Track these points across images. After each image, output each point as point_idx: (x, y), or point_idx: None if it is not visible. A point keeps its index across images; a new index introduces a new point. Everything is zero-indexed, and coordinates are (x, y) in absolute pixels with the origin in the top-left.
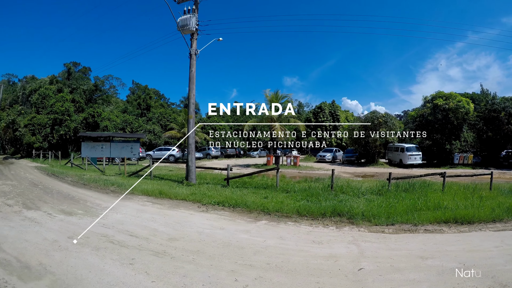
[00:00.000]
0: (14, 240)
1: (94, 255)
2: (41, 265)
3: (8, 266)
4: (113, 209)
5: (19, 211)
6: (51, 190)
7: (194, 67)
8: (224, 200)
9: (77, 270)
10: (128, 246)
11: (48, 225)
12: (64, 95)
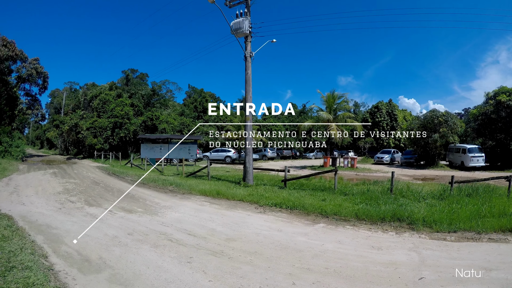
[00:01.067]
0: (76, 235)
1: (153, 252)
2: (101, 259)
3: (69, 259)
4: (171, 208)
5: (81, 207)
6: (112, 189)
7: (250, 69)
8: (282, 202)
9: (136, 265)
10: (186, 245)
11: (109, 222)
12: (124, 100)
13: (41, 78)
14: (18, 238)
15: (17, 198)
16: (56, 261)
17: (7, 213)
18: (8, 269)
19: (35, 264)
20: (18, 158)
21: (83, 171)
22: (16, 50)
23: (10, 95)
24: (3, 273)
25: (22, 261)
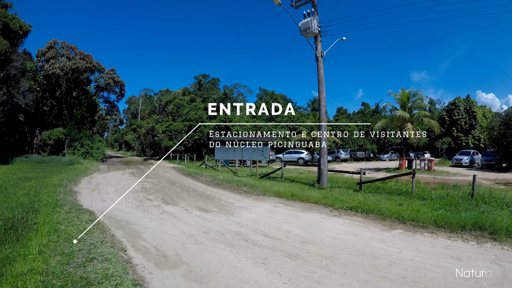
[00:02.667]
0: (154, 231)
1: (228, 251)
2: (177, 255)
3: (147, 253)
4: (246, 209)
5: (158, 205)
6: (188, 188)
7: (322, 69)
8: (357, 205)
9: (211, 263)
10: (262, 246)
11: (185, 220)
12: (197, 104)
13: (118, 86)
14: (99, 232)
15: (98, 195)
16: (134, 255)
17: (88, 209)
18: (88, 260)
19: (114, 257)
20: (98, 159)
21: (159, 171)
22: (93, 62)
23: (90, 102)
24: (83, 263)
25: (102, 253)
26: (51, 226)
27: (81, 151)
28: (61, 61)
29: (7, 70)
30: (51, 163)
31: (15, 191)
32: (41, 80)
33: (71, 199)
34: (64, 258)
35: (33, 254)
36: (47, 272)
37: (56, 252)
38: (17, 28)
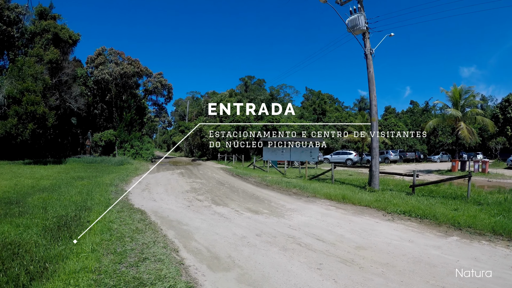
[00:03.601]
0: (205, 232)
1: (282, 255)
2: (229, 257)
3: (199, 255)
4: (297, 211)
5: (208, 206)
6: (237, 189)
7: (372, 67)
8: (411, 210)
9: (264, 267)
10: (316, 250)
11: (236, 221)
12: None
13: (166, 89)
14: (151, 232)
15: (148, 195)
16: (186, 256)
17: (140, 208)
18: (141, 260)
19: (167, 258)
20: (148, 160)
21: (208, 172)
22: (140, 67)
23: (139, 105)
24: (136, 263)
25: (154, 254)
26: (104, 225)
27: (131, 152)
28: (110, 67)
29: (59, 77)
30: (103, 163)
31: (68, 189)
32: (92, 85)
33: (123, 198)
34: (117, 257)
35: (86, 252)
36: (99, 270)
37: (109, 251)
38: (67, 37)
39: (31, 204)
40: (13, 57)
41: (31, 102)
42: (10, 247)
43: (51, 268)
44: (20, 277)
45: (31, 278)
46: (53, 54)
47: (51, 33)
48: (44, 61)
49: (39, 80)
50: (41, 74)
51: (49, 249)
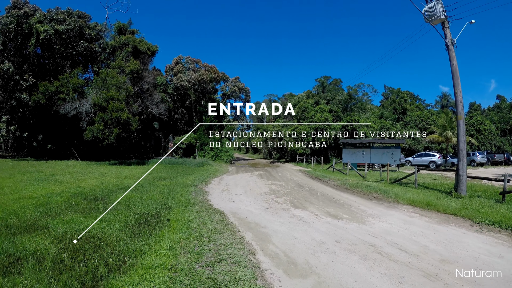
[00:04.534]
0: (283, 235)
1: (361, 264)
2: (307, 264)
3: (276, 259)
4: (378, 217)
5: (287, 208)
6: (316, 192)
7: (455, 59)
8: (501, 220)
9: (342, 276)
10: (397, 261)
11: (315, 226)
12: (322, 107)
13: (243, 93)
14: (229, 233)
15: (227, 195)
16: (263, 259)
17: (219, 209)
18: (217, 260)
19: (243, 260)
20: (227, 161)
21: (286, 174)
22: (217, 72)
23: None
24: (212, 264)
25: (231, 255)
26: (183, 224)
27: (210, 154)
28: (188, 74)
29: (141, 85)
30: (183, 164)
31: (150, 189)
32: (172, 92)
33: (202, 198)
34: (194, 256)
35: (164, 249)
36: (175, 268)
37: (186, 250)
38: (145, 49)
39: (115, 201)
40: (97, 70)
41: (115, 109)
42: (92, 240)
43: (129, 262)
44: (99, 268)
45: (109, 270)
46: (134, 65)
47: (130, 46)
48: (125, 71)
49: (122, 89)
50: (124, 84)
51: (128, 244)
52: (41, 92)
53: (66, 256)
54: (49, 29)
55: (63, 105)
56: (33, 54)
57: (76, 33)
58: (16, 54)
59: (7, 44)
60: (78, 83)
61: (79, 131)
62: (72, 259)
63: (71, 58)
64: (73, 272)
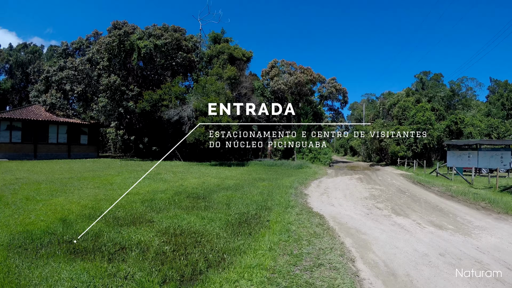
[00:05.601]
0: (384, 244)
1: (466, 282)
2: (407, 276)
3: (375, 268)
4: (486, 230)
5: (388, 215)
6: (418, 199)
7: None
8: None
9: None
10: (505, 282)
11: (418, 236)
12: (423, 105)
13: (340, 94)
14: (328, 238)
15: (327, 199)
16: (362, 267)
17: (318, 212)
18: (316, 265)
19: (342, 267)
20: (325, 164)
21: (387, 178)
22: (313, 74)
23: (316, 111)
24: (310, 268)
25: (330, 261)
26: (283, 226)
27: (309, 156)
28: (284, 77)
29: (239, 90)
30: (282, 166)
31: (250, 189)
32: (269, 95)
33: (302, 201)
34: (292, 259)
35: (263, 249)
36: (273, 269)
37: (285, 252)
38: (240, 55)
39: (216, 200)
40: (196, 78)
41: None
42: (194, 235)
43: (228, 259)
44: (198, 263)
45: (208, 265)
46: (231, 72)
47: (226, 54)
48: (223, 78)
49: (221, 94)
50: (222, 89)
51: (228, 242)
52: (145, 100)
53: (168, 249)
54: (149, 44)
55: (166, 111)
56: (136, 67)
57: (174, 46)
58: (120, 68)
59: (112, 60)
60: (179, 91)
61: (182, 134)
62: (174, 252)
63: (171, 68)
64: (174, 264)
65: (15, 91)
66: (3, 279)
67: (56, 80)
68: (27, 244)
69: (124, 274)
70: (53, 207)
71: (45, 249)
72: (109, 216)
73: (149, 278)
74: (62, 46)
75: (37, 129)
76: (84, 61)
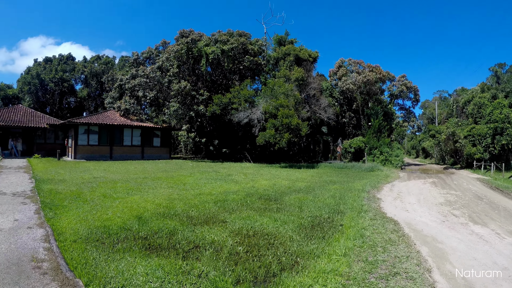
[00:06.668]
0: (461, 254)
1: None
2: None
3: (453, 281)
4: None
5: (465, 223)
6: (497, 206)
7: None
8: None
9: None
10: None
11: (497, 247)
12: (500, 101)
13: (412, 92)
14: (404, 245)
15: (400, 204)
16: (439, 279)
17: (392, 218)
18: (392, 274)
19: (419, 277)
20: (397, 166)
21: (462, 183)
22: (382, 72)
23: (386, 111)
24: (386, 276)
25: (406, 270)
26: (357, 231)
27: (380, 158)
28: (352, 77)
29: (307, 91)
30: (353, 169)
31: (322, 192)
32: (337, 96)
33: (375, 205)
34: (367, 266)
35: (338, 255)
36: (348, 276)
37: (360, 258)
38: (306, 56)
39: (287, 203)
40: (264, 81)
41: (285, 116)
42: (267, 237)
43: (302, 263)
44: (272, 265)
45: (281, 268)
46: (298, 73)
47: (292, 56)
48: (291, 80)
49: (290, 96)
50: (291, 91)
51: (301, 246)
52: (215, 103)
53: (242, 250)
54: (216, 50)
55: (236, 114)
56: (205, 72)
57: (240, 50)
58: (190, 74)
59: (181, 66)
60: (248, 94)
61: (251, 136)
62: (247, 253)
63: (239, 72)
64: (247, 265)
65: (91, 98)
66: (80, 270)
67: (129, 88)
68: (104, 239)
69: (198, 272)
70: (129, 205)
71: (121, 244)
72: (183, 215)
73: (222, 277)
74: (133, 56)
75: (112, 132)
76: (155, 68)
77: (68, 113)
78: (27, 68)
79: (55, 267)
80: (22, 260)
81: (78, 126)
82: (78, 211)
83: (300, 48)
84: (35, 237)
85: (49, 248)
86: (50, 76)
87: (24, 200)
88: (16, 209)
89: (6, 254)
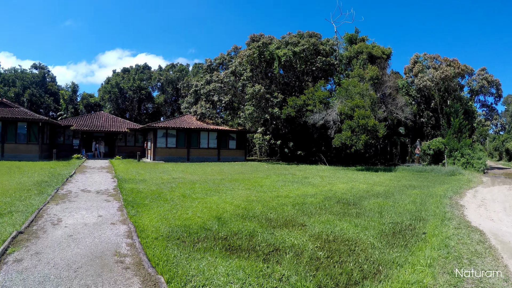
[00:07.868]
0: None
1: None
2: None
3: None
4: None
5: None
6: None
7: None
8: None
9: None
10: None
11: None
12: None
13: (493, 86)
14: (491, 258)
15: (485, 212)
16: None
17: (477, 227)
18: None
19: None
20: (479, 170)
21: None
22: (460, 66)
23: (466, 109)
24: None
25: (493, 286)
26: (441, 240)
27: (461, 161)
28: (429, 73)
29: (382, 90)
30: (432, 172)
31: (401, 197)
32: (414, 94)
33: (458, 213)
34: (453, 279)
35: (422, 265)
36: None
37: (445, 270)
38: (380, 53)
39: (367, 208)
40: (337, 81)
41: (361, 116)
42: (347, 243)
43: (384, 272)
44: (353, 272)
45: (363, 276)
46: (372, 71)
47: (364, 54)
48: (365, 79)
49: (365, 96)
50: (366, 91)
51: (383, 253)
52: (290, 106)
53: (322, 255)
54: (288, 52)
55: (311, 116)
56: (278, 75)
57: (312, 51)
58: (263, 77)
59: (254, 70)
60: (322, 95)
61: (327, 138)
62: (328, 258)
63: (311, 73)
64: (328, 271)
65: (167, 104)
66: (162, 266)
67: (204, 93)
68: (184, 237)
69: (279, 276)
70: (208, 205)
71: (202, 244)
72: (261, 217)
73: (303, 282)
74: (207, 63)
75: (189, 135)
76: (228, 73)
77: (146, 118)
78: (107, 78)
79: (137, 263)
80: (105, 254)
81: (157, 130)
82: (159, 210)
83: (373, 45)
84: (118, 232)
85: (132, 244)
86: (129, 85)
87: (107, 198)
88: (100, 206)
89: (91, 248)
